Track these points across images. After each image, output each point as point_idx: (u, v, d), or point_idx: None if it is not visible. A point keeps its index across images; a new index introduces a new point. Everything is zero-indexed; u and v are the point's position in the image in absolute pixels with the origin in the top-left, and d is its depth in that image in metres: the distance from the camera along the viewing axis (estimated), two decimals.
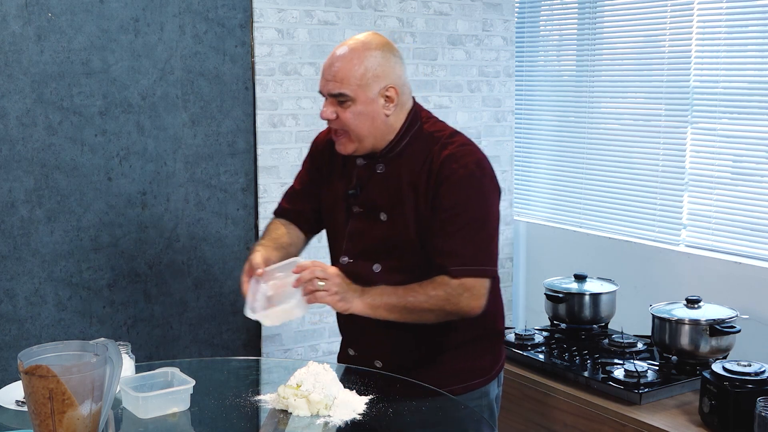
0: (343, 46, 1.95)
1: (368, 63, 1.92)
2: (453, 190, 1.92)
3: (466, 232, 1.92)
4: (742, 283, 2.95)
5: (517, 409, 2.70)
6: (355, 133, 1.95)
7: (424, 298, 1.89)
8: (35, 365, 1.32)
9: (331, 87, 1.93)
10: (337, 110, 1.94)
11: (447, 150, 1.96)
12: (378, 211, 2.00)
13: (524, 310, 4.02)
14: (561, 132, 3.85)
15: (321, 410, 1.73)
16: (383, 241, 2.00)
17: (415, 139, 2.00)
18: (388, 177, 1.99)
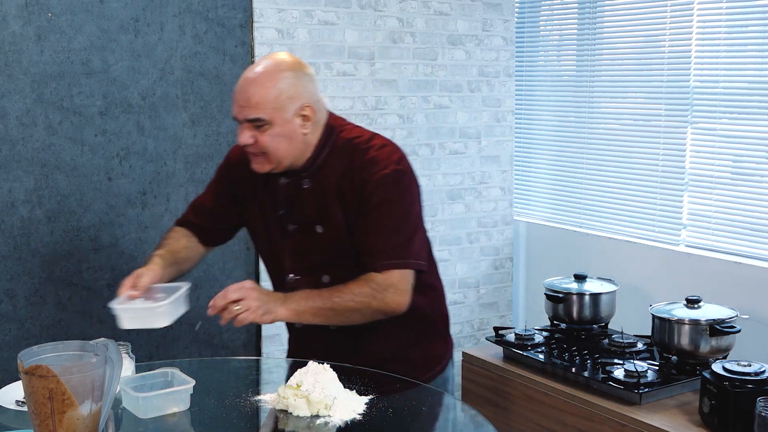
0: (254, 69, 1.94)
1: (281, 85, 1.91)
2: (375, 192, 1.95)
3: (388, 229, 1.95)
4: (742, 283, 2.95)
5: (517, 409, 2.70)
6: (273, 154, 1.95)
7: (349, 297, 1.90)
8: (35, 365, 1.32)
9: (246, 112, 1.92)
10: (254, 134, 1.93)
11: (368, 155, 1.97)
12: (313, 225, 2.01)
13: (524, 310, 4.02)
14: (561, 132, 3.85)
15: (321, 410, 1.73)
16: (325, 252, 2.00)
17: (334, 149, 2.01)
18: (315, 190, 2.00)
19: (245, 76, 1.94)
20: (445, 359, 2.21)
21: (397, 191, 1.97)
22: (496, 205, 3.92)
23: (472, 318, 3.92)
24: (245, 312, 1.84)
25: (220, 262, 3.23)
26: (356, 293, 1.90)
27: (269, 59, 1.96)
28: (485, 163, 3.87)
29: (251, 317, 1.84)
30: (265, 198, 2.07)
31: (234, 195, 2.15)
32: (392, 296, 1.92)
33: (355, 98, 3.48)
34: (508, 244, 3.98)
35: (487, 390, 2.81)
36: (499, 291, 3.99)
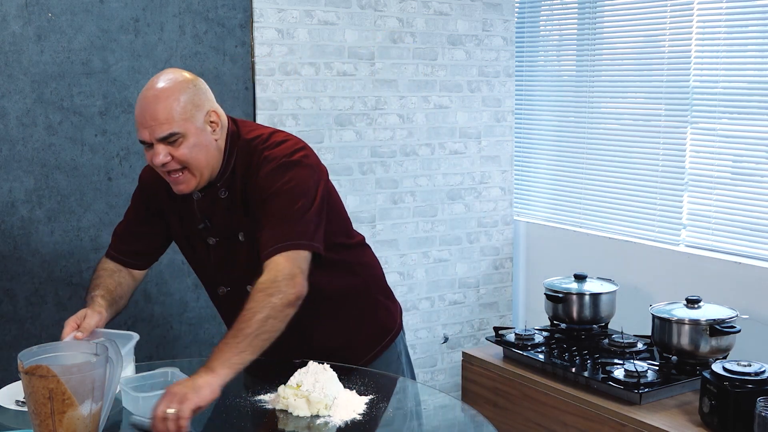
0: (152, 89, 1.88)
1: (184, 96, 1.88)
2: (268, 185, 1.91)
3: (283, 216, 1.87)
4: (742, 283, 2.95)
5: (517, 409, 2.70)
6: (194, 165, 1.91)
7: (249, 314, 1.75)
8: (35, 365, 1.32)
9: (157, 131, 1.85)
10: (169, 151, 1.87)
11: (263, 154, 1.96)
12: (235, 234, 1.99)
13: (524, 310, 4.02)
14: (561, 132, 3.85)
15: (321, 410, 1.73)
16: (251, 260, 1.97)
17: (239, 153, 1.99)
18: (231, 199, 1.99)
19: (144, 97, 1.88)
20: (393, 331, 2.20)
21: (288, 178, 1.91)
22: (496, 205, 3.92)
23: (472, 318, 3.92)
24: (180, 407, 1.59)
25: None
26: (256, 309, 1.75)
27: (162, 77, 1.91)
28: (485, 163, 3.87)
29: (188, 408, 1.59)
30: (183, 215, 2.06)
31: (154, 217, 2.12)
32: (285, 285, 1.79)
33: (355, 98, 3.48)
34: (508, 244, 3.98)
35: (487, 390, 2.81)
36: (499, 291, 3.99)
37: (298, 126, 3.33)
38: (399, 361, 2.20)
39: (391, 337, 2.19)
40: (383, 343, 2.17)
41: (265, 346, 1.74)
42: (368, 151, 3.54)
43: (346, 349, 2.09)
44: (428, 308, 3.78)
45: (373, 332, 2.16)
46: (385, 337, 2.18)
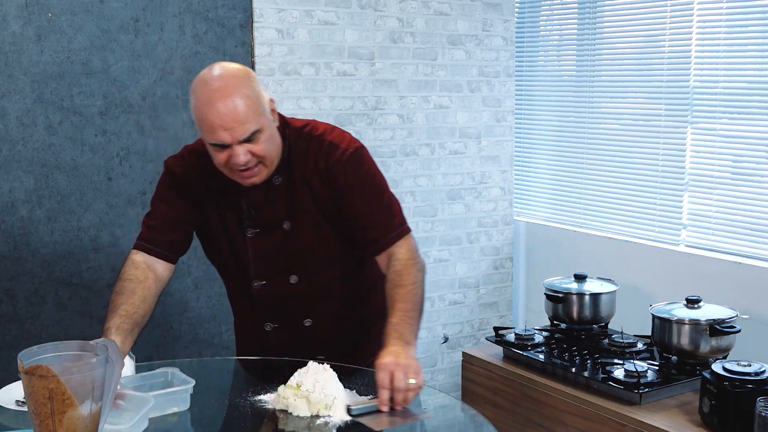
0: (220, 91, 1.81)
1: (252, 91, 1.85)
2: (350, 172, 1.96)
3: (378, 203, 1.99)
4: (742, 283, 2.95)
5: (517, 409, 2.70)
6: (270, 158, 1.90)
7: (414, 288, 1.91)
8: (35, 365, 1.32)
9: (240, 132, 1.82)
10: (249, 149, 1.85)
11: (324, 140, 1.98)
12: (280, 223, 1.98)
13: (524, 310, 4.02)
14: (561, 132, 3.85)
15: (321, 410, 1.73)
16: (292, 251, 1.99)
17: (291, 141, 1.99)
18: (286, 185, 1.98)
19: (216, 99, 1.81)
20: None
21: (366, 166, 2.01)
22: (496, 205, 3.92)
23: (472, 318, 3.92)
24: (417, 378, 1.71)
25: None
26: (414, 281, 1.92)
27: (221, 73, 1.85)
28: (485, 163, 3.87)
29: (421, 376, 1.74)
30: (225, 205, 2.02)
31: (190, 203, 2.06)
32: (421, 259, 1.99)
33: (355, 98, 3.48)
34: (508, 244, 3.98)
35: (487, 390, 2.81)
36: (499, 291, 3.99)
37: None
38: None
39: None
40: None
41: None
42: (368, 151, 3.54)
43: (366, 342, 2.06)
44: (428, 308, 3.78)
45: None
46: None
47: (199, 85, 1.85)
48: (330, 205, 1.97)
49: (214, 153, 1.88)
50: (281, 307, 2.04)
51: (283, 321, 2.06)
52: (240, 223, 2.01)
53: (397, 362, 1.71)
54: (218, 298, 3.25)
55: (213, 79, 1.84)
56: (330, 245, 2.01)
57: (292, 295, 2.01)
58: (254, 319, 2.10)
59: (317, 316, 2.03)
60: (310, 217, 1.98)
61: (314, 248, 2.00)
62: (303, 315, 2.04)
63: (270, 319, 2.06)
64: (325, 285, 2.03)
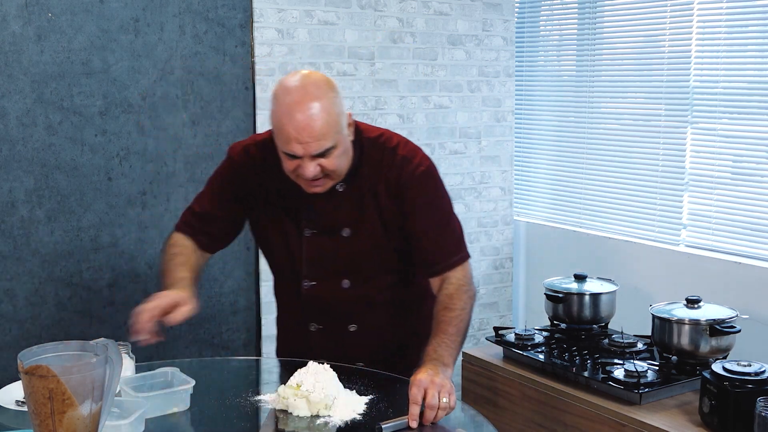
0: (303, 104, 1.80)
1: (335, 107, 1.84)
2: (420, 191, 1.96)
3: (441, 227, 1.99)
4: (742, 283, 2.95)
5: (517, 409, 2.70)
6: (339, 172, 1.91)
7: (462, 314, 1.94)
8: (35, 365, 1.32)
9: (314, 148, 1.81)
10: (319, 163, 1.85)
11: (398, 154, 1.97)
12: (339, 229, 1.98)
13: (524, 310, 4.02)
14: (561, 132, 3.85)
15: (321, 410, 1.73)
16: (348, 257, 1.99)
17: (364, 150, 1.99)
18: (349, 193, 1.97)
19: (297, 111, 1.79)
20: None
21: (436, 186, 2.01)
22: (496, 205, 3.92)
23: (472, 318, 3.91)
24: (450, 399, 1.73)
25: (220, 263, 3.23)
26: (462, 307, 1.95)
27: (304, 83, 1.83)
28: (485, 163, 3.87)
29: (455, 398, 1.75)
30: (283, 202, 2.02)
31: (241, 199, 2.07)
32: (473, 287, 2.01)
33: (355, 98, 3.48)
34: (508, 244, 3.98)
35: (487, 390, 2.81)
36: (499, 291, 3.99)
37: None
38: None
39: None
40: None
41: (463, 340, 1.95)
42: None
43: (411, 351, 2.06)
44: None
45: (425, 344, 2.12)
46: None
47: (280, 93, 1.84)
48: (394, 219, 1.97)
49: (284, 159, 1.88)
50: (328, 310, 2.04)
51: (328, 323, 2.06)
52: (298, 222, 2.00)
53: (432, 380, 1.71)
54: (218, 298, 3.25)
55: (295, 89, 1.82)
56: (386, 254, 2.01)
57: (341, 299, 2.01)
58: (300, 319, 2.09)
59: (363, 322, 2.02)
60: (371, 226, 1.97)
61: (370, 256, 1.99)
62: (349, 320, 2.04)
63: (315, 320, 2.06)
64: (376, 292, 2.03)
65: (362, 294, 2.01)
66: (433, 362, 1.79)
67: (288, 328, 2.18)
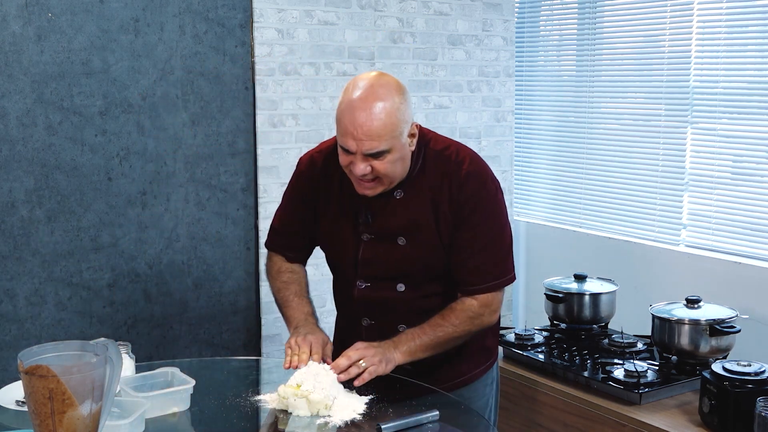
0: (367, 102, 1.82)
1: (398, 113, 1.84)
2: (477, 209, 1.96)
3: (487, 250, 1.98)
4: (742, 283, 2.95)
5: (517, 409, 2.70)
6: (390, 178, 1.91)
7: (451, 329, 1.95)
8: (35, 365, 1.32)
9: (367, 147, 1.82)
10: (371, 164, 1.86)
11: (463, 169, 1.96)
12: (395, 236, 1.99)
13: (524, 310, 4.02)
14: (561, 132, 3.85)
15: (321, 410, 1.73)
16: (403, 264, 1.99)
17: (427, 161, 1.98)
18: (407, 201, 1.98)
19: (359, 108, 1.81)
20: (496, 352, 2.22)
21: (496, 207, 1.99)
22: None
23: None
24: (372, 366, 1.83)
25: (220, 262, 3.23)
26: (456, 324, 1.95)
27: (374, 83, 1.85)
28: None
29: (379, 370, 1.84)
30: (340, 204, 2.03)
31: (313, 211, 2.10)
32: (487, 318, 1.99)
33: None
34: None
35: None
36: None
37: (298, 126, 3.33)
38: (493, 387, 2.18)
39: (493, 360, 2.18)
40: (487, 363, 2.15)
41: (437, 353, 1.96)
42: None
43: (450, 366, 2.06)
44: None
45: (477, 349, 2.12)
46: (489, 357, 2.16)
47: (350, 86, 1.87)
48: (448, 228, 1.97)
49: (340, 153, 1.91)
50: (380, 308, 2.05)
51: (380, 320, 2.06)
52: (355, 226, 2.02)
53: (366, 348, 1.86)
54: (218, 298, 3.25)
55: (364, 86, 1.85)
56: (439, 264, 2.00)
57: (394, 300, 2.02)
58: (353, 314, 2.11)
59: (414, 323, 2.02)
60: (427, 235, 1.97)
61: (425, 263, 2.00)
62: (400, 320, 2.04)
63: (368, 316, 2.08)
64: (428, 297, 2.03)
65: (415, 297, 2.02)
66: (389, 341, 1.91)
67: (344, 324, 2.20)
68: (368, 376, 1.82)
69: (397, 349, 1.89)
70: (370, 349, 1.85)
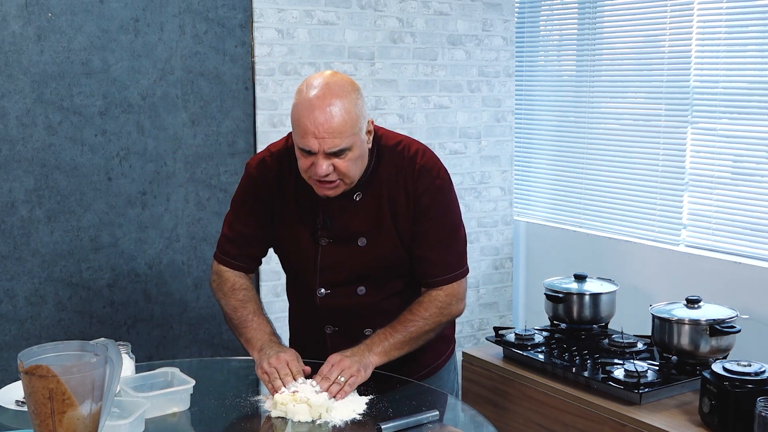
0: (324, 100, 1.81)
1: (356, 109, 1.84)
2: (433, 202, 1.97)
3: (447, 241, 2.00)
4: (742, 283, 2.95)
5: (517, 409, 2.70)
6: (351, 177, 1.89)
7: (422, 323, 1.96)
8: (35, 365, 1.32)
9: (329, 145, 1.81)
10: (332, 163, 1.84)
11: (417, 163, 1.97)
12: (355, 238, 1.98)
13: (524, 310, 4.02)
14: (561, 132, 3.85)
15: (323, 414, 1.72)
16: (364, 266, 1.99)
17: (381, 157, 1.99)
18: (366, 202, 1.97)
19: (317, 106, 1.80)
20: (454, 339, 2.25)
21: (450, 199, 2.02)
22: (496, 205, 3.92)
23: (472, 318, 3.92)
24: (351, 378, 1.83)
25: None
26: (426, 317, 1.96)
27: (329, 81, 1.84)
28: (485, 163, 3.87)
29: (359, 380, 1.84)
30: (298, 209, 2.02)
31: (267, 217, 2.07)
32: (456, 306, 2.02)
33: None
34: (508, 244, 3.98)
35: (487, 390, 2.81)
36: (499, 291, 3.99)
37: None
38: (455, 372, 2.22)
39: (452, 350, 2.21)
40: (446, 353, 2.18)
41: (412, 349, 1.97)
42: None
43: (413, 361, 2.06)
44: None
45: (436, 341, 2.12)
46: (447, 350, 2.19)
47: (304, 87, 1.86)
48: (408, 226, 1.98)
49: (300, 156, 1.88)
50: (344, 315, 2.05)
51: (344, 326, 2.06)
52: (313, 231, 2.00)
53: (341, 360, 1.85)
54: None
55: (319, 86, 1.84)
56: (400, 261, 2.01)
57: (356, 305, 2.02)
58: (315, 321, 2.09)
59: (380, 326, 2.02)
60: (387, 234, 1.97)
61: (386, 263, 2.00)
62: (364, 324, 2.04)
63: (332, 323, 2.07)
64: (390, 297, 2.04)
65: (377, 299, 2.03)
66: (362, 345, 1.91)
67: (303, 329, 2.18)
68: (349, 389, 1.82)
69: (372, 352, 1.90)
70: (345, 361, 1.84)
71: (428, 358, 2.11)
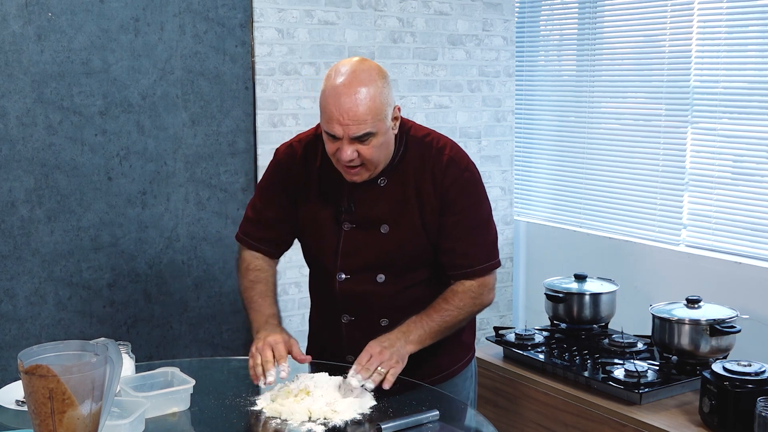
0: (350, 86, 1.83)
1: (381, 96, 1.86)
2: (462, 194, 1.98)
3: (477, 233, 2.01)
4: (742, 283, 2.95)
5: (517, 409, 2.70)
6: (376, 163, 1.91)
7: (456, 312, 1.97)
8: (35, 365, 1.32)
9: (353, 130, 1.83)
10: (356, 148, 1.87)
11: (445, 155, 1.98)
12: (378, 224, 1.99)
13: (524, 310, 4.02)
14: (561, 132, 3.85)
15: (327, 414, 1.72)
16: (385, 253, 1.99)
17: (409, 147, 2.00)
18: (391, 188, 1.98)
19: (343, 93, 1.83)
20: (473, 347, 2.23)
21: (479, 192, 2.03)
22: (496, 205, 3.92)
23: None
24: (392, 369, 1.83)
25: (220, 262, 3.23)
26: (460, 307, 1.97)
27: (356, 68, 1.86)
28: (485, 163, 3.87)
29: (399, 370, 1.85)
30: (321, 194, 2.04)
31: (292, 201, 2.09)
32: (487, 296, 2.02)
33: None
34: (508, 244, 3.98)
35: (488, 390, 2.81)
36: (499, 291, 3.99)
37: (298, 126, 3.33)
38: (472, 381, 2.19)
39: (471, 355, 2.19)
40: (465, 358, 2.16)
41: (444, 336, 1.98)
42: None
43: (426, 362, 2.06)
44: None
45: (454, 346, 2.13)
46: (468, 352, 2.17)
47: (332, 73, 1.88)
48: (434, 216, 1.98)
49: (326, 141, 1.92)
50: (361, 303, 2.04)
51: (360, 316, 2.06)
52: (337, 215, 2.02)
53: (381, 350, 1.84)
54: (218, 298, 3.25)
55: (346, 72, 1.86)
56: (422, 250, 2.01)
57: (375, 293, 2.02)
58: (332, 311, 2.09)
59: (396, 317, 2.02)
60: (411, 222, 1.98)
61: (407, 251, 2.00)
62: (381, 314, 2.04)
63: (348, 312, 2.07)
64: (409, 289, 2.03)
65: (396, 289, 2.02)
66: (398, 333, 1.90)
67: (320, 322, 2.18)
68: (392, 378, 1.82)
69: (408, 340, 1.90)
70: (385, 353, 1.84)
71: (444, 361, 2.09)
